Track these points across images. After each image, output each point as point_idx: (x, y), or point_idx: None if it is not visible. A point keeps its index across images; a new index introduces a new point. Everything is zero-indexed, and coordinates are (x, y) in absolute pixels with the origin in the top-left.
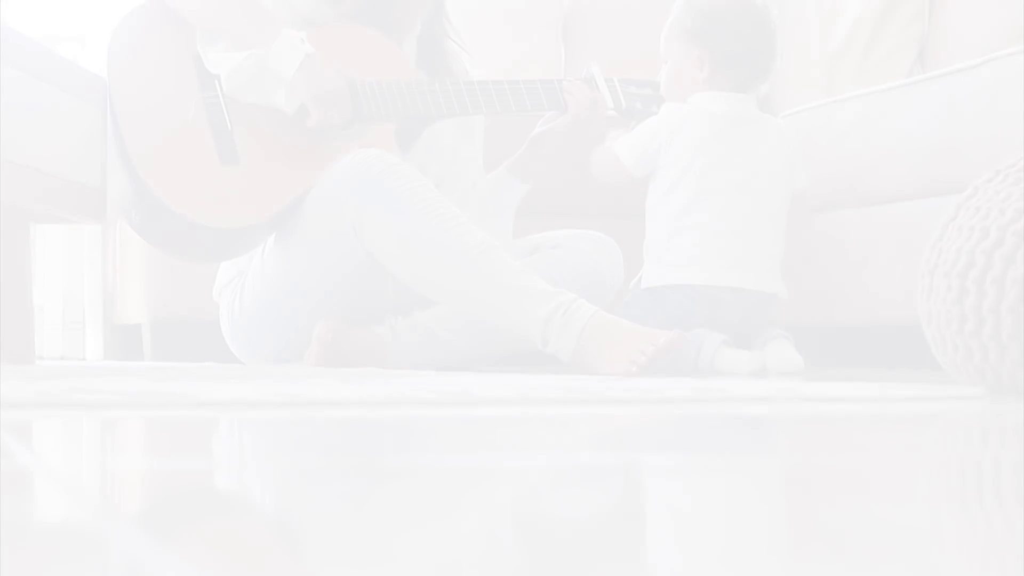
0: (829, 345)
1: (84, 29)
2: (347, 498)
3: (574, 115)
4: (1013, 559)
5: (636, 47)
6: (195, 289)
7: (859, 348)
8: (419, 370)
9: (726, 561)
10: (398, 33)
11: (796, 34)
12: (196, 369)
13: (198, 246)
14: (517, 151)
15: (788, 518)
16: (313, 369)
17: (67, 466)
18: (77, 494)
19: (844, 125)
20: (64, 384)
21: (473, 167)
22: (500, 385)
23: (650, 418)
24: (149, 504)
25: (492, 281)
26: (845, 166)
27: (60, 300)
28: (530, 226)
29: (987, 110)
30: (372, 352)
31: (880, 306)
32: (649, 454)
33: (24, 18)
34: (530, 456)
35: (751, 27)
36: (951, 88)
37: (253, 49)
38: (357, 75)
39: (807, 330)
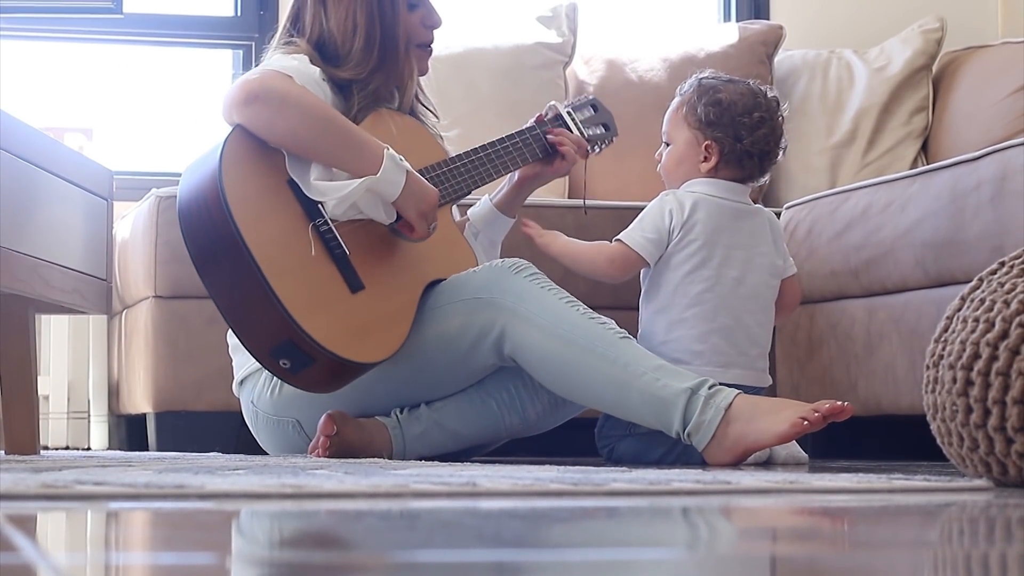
0: (834, 435)
1: (91, 120)
2: None
3: (567, 161)
4: None
5: (638, 130)
6: (200, 379)
7: (864, 439)
8: (424, 460)
9: None
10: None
11: (801, 125)
12: (201, 459)
13: (349, 378)
14: (500, 187)
15: None
16: (318, 460)
17: (71, 561)
18: None
19: (849, 215)
20: (69, 475)
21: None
22: (505, 477)
23: (659, 509)
24: None
25: (636, 360)
26: (850, 256)
27: (65, 390)
28: None
29: (991, 201)
30: (377, 443)
31: (885, 396)
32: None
33: (30, 108)
34: (609, 552)
35: (762, 124)
36: (955, 179)
37: (356, 169)
38: (414, 162)
39: None
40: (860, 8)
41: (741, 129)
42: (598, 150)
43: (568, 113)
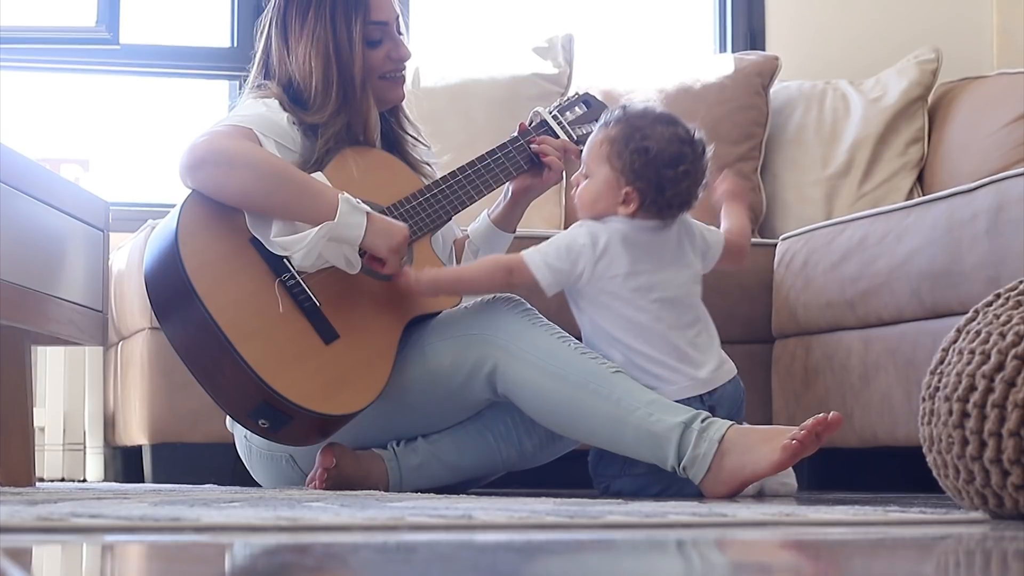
0: (830, 467)
1: (87, 151)
2: None
3: (553, 170)
4: None
5: None
6: (195, 411)
7: (860, 470)
8: (420, 493)
9: None
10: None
11: (797, 155)
12: (196, 492)
13: (333, 429)
14: (497, 203)
15: None
16: (314, 492)
17: None
18: None
19: (845, 246)
20: (65, 508)
21: (454, 224)
22: (501, 509)
23: (655, 541)
24: None
25: (629, 395)
26: (846, 287)
27: (61, 421)
28: None
29: (987, 232)
30: (374, 475)
31: (881, 428)
32: None
33: (27, 139)
34: None
35: (686, 177)
36: (951, 210)
37: (313, 220)
38: (383, 198)
39: None
40: (855, 39)
41: (665, 181)
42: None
43: (554, 117)
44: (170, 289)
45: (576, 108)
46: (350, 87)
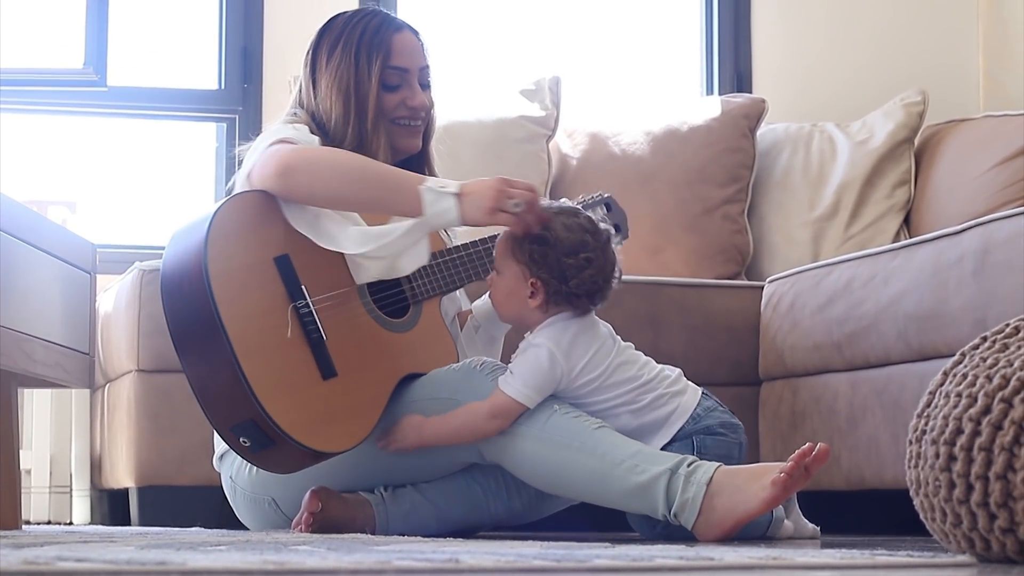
0: (816, 509)
1: (74, 193)
2: None
3: None
4: None
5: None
6: (182, 454)
7: (847, 513)
8: (408, 537)
9: None
10: None
11: (784, 198)
12: (183, 535)
13: (309, 463)
14: None
15: None
16: (301, 535)
17: None
18: None
19: (832, 289)
20: (51, 552)
21: (463, 296)
22: (488, 553)
23: None
24: None
25: (613, 450)
26: (833, 329)
27: (47, 464)
28: None
29: (974, 275)
30: (360, 519)
31: (868, 470)
32: None
33: (13, 181)
34: None
35: (588, 265)
36: (938, 252)
37: (400, 212)
38: None
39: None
40: (842, 82)
41: (567, 270)
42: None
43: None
44: (187, 289)
45: (598, 209)
46: (363, 126)
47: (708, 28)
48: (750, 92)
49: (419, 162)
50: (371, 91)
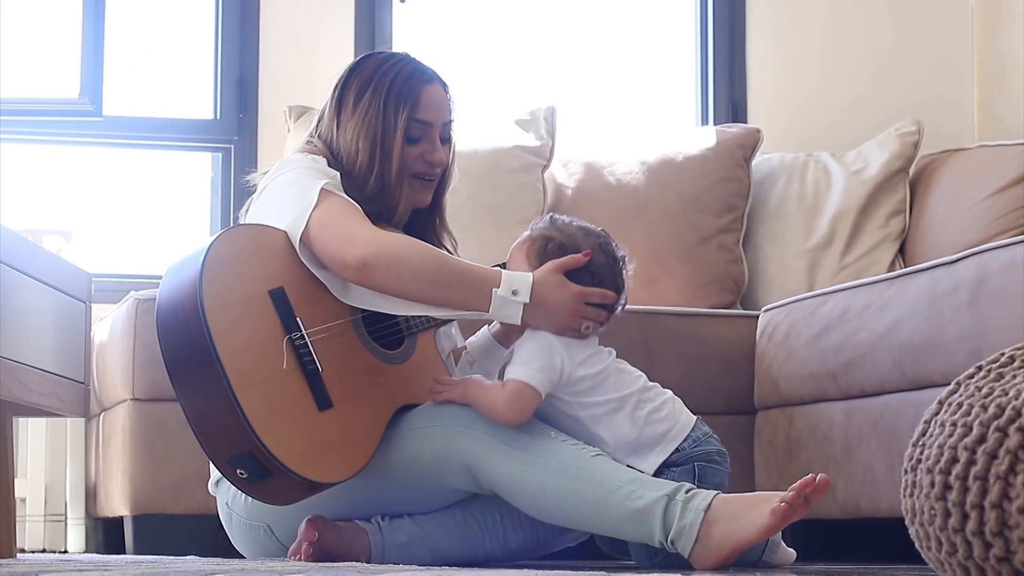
0: (812, 538)
1: (70, 222)
2: None
3: None
4: None
5: (615, 234)
6: (177, 482)
7: (842, 542)
8: (404, 566)
9: None
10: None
11: (779, 227)
12: (178, 564)
13: (306, 494)
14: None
15: None
16: (296, 564)
17: None
18: None
19: (827, 318)
20: None
21: (457, 333)
22: None
23: None
24: None
25: (610, 476)
26: (828, 358)
27: (42, 492)
28: None
29: (969, 304)
30: (356, 548)
31: (864, 499)
32: None
33: (9, 210)
34: None
35: (604, 271)
36: (933, 282)
37: (471, 309)
38: None
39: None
40: (837, 112)
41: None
42: None
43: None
44: (183, 322)
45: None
46: (387, 176)
47: (703, 58)
48: (745, 122)
49: (430, 214)
50: (396, 143)
